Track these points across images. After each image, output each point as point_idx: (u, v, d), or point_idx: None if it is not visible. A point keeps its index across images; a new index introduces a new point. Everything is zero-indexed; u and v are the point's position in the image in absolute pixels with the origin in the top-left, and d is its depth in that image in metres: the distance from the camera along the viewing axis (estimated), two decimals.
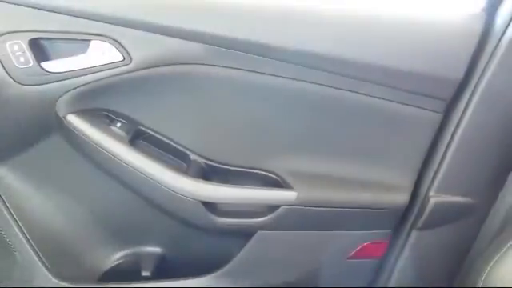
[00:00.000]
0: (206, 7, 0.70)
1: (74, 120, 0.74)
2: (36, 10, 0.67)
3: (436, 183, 0.80)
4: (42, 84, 0.70)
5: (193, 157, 0.81)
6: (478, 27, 0.71)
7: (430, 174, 0.81)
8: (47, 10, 0.67)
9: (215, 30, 0.69)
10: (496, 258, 0.68)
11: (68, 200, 0.85)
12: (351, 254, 0.86)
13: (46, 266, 0.86)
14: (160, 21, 0.69)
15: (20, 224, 0.84)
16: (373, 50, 0.71)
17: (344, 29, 0.71)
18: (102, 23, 0.68)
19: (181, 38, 0.70)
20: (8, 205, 0.83)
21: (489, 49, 0.72)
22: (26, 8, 0.67)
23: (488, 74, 0.73)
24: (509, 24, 0.71)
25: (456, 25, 0.72)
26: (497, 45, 0.71)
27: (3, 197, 0.82)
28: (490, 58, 0.72)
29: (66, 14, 0.68)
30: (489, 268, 0.68)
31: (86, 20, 0.68)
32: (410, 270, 0.89)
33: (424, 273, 0.89)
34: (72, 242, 0.89)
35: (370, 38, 0.71)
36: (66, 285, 0.86)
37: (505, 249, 0.68)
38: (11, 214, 0.83)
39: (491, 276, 0.68)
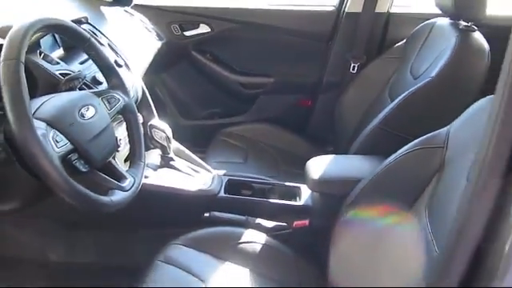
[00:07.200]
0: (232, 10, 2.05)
1: (196, 53, 2.10)
2: (179, 13, 2.03)
3: (326, 72, 2.10)
4: (183, 40, 2.06)
5: (234, 67, 2.15)
6: (334, 12, 2.02)
7: (323, 68, 2.11)
8: (184, 13, 2.03)
9: (235, 17, 2.04)
10: None
11: (190, 83, 2.20)
12: (295, 102, 2.19)
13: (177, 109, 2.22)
14: (217, 15, 2.04)
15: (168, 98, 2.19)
16: (281, 22, 2.05)
17: (275, 17, 2.05)
18: (203, 17, 2.04)
19: (226, 21, 2.05)
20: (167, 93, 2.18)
21: (339, 20, 2.02)
22: (176, 13, 2.03)
23: (340, 29, 2.03)
24: (345, 5, 2.00)
25: (324, 9, 2.05)
26: (341, 17, 2.01)
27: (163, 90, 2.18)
28: (341, 22, 2.01)
29: (188, 14, 2.03)
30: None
31: (198, 16, 2.03)
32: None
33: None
34: (186, 104, 2.24)
35: (282, 18, 2.05)
36: None
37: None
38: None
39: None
